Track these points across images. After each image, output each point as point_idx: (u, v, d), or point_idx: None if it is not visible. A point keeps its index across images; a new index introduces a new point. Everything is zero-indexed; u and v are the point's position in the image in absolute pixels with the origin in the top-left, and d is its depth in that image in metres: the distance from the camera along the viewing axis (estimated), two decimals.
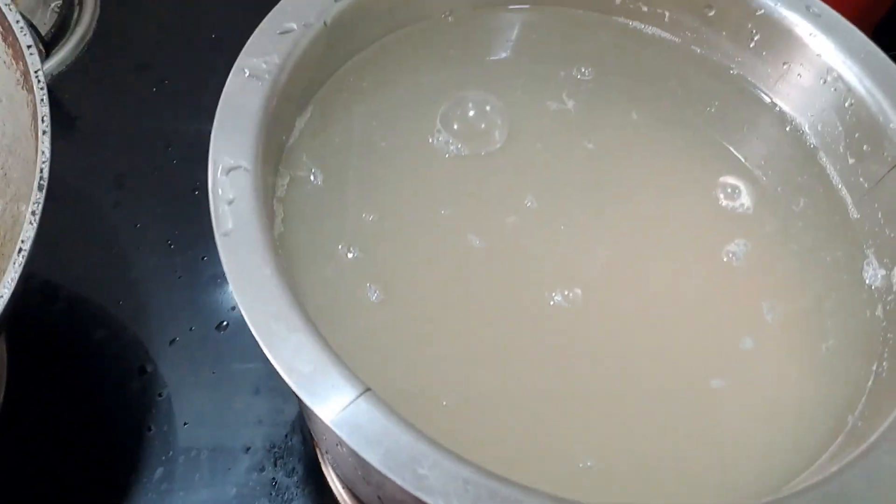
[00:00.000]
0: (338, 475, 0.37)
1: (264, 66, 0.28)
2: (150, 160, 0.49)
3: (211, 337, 0.43)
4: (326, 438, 0.30)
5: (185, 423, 0.40)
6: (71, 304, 0.44)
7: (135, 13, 0.56)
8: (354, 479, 0.31)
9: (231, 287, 0.23)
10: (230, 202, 0.25)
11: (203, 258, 0.45)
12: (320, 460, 0.39)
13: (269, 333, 0.23)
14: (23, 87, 0.33)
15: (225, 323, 0.43)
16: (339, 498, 0.38)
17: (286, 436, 0.40)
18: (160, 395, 0.41)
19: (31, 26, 0.50)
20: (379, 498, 0.28)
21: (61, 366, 0.42)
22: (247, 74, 0.28)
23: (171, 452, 0.39)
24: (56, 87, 0.52)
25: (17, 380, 0.40)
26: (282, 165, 0.30)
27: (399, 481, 0.21)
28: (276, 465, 0.40)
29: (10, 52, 0.33)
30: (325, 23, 0.30)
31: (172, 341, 0.42)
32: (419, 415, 0.25)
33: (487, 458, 0.23)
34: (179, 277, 0.45)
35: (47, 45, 0.52)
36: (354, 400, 0.22)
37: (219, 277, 0.44)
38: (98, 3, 0.55)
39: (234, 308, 0.43)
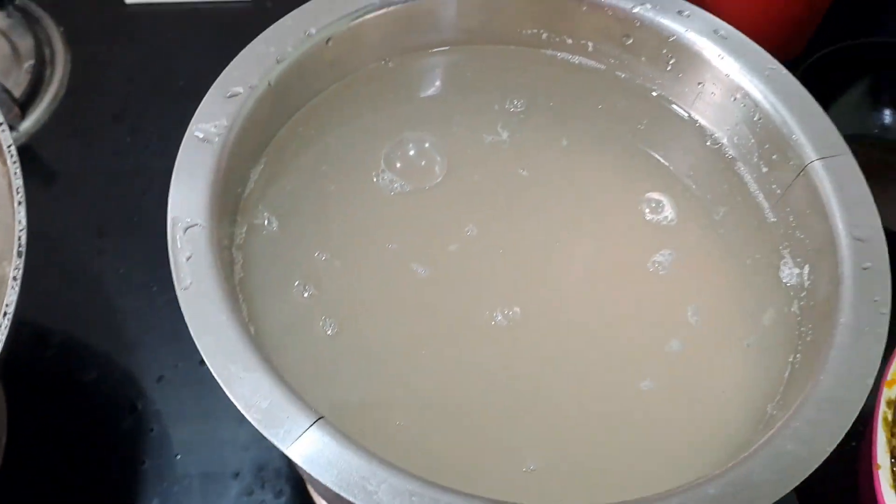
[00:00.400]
0: (318, 493, 0.40)
1: (214, 129, 0.31)
2: (128, 208, 0.52)
3: (196, 372, 0.45)
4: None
5: (176, 455, 0.43)
6: (62, 348, 0.47)
7: (104, 68, 0.58)
8: (329, 497, 0.34)
9: (193, 335, 0.26)
10: (188, 258, 0.28)
11: None
12: (305, 480, 0.42)
13: (228, 375, 0.25)
14: None
15: None
16: None
17: (273, 460, 0.43)
18: (152, 429, 0.43)
19: (6, 91, 0.53)
20: None
21: (57, 408, 0.44)
22: (199, 137, 0.30)
23: (165, 483, 0.42)
24: (35, 144, 0.55)
25: (15, 424, 0.43)
26: (239, 215, 0.33)
27: (352, 499, 0.24)
28: (263, 487, 0.42)
29: None
30: (269, 83, 0.32)
31: (160, 378, 0.45)
32: (376, 435, 0.27)
33: (441, 469, 0.26)
34: (163, 317, 0.47)
35: (23, 106, 0.55)
36: (308, 428, 0.25)
37: None
38: (69, 60, 0.58)
39: None
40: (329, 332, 0.31)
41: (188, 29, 0.61)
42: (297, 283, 0.32)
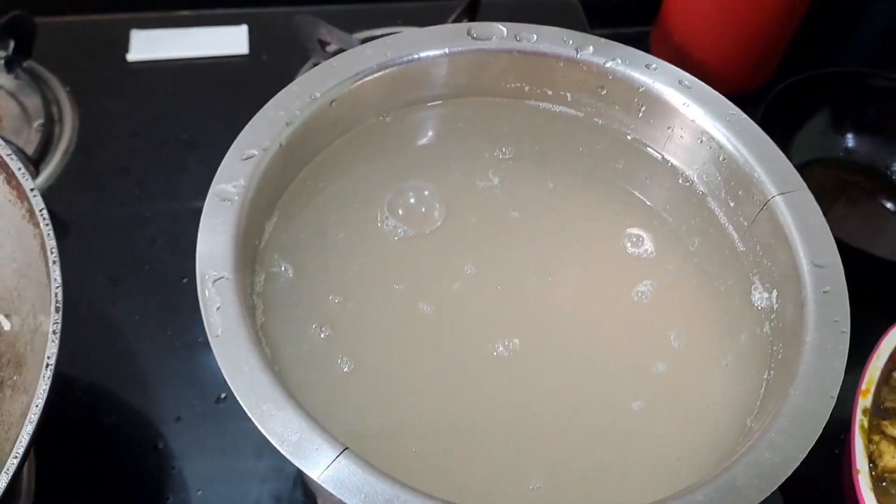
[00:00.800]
0: None
1: (233, 189, 0.34)
2: (139, 256, 0.55)
3: (212, 410, 0.48)
4: (319, 490, 0.35)
5: (198, 491, 0.45)
6: (85, 395, 0.49)
7: (110, 123, 0.62)
8: None
9: (226, 379, 0.29)
10: (218, 308, 0.31)
11: (199, 340, 0.50)
12: None
13: (261, 413, 0.28)
14: (29, 222, 0.39)
15: (223, 395, 0.48)
16: None
17: (289, 490, 0.46)
18: (173, 467, 0.46)
19: (20, 150, 0.56)
20: None
21: (82, 451, 0.47)
22: (220, 198, 0.34)
23: None
24: (47, 199, 0.57)
25: (43, 469, 0.45)
26: (257, 265, 0.36)
27: None
28: None
29: (15, 192, 0.39)
30: (280, 144, 0.36)
31: (178, 418, 0.48)
32: (394, 462, 0.30)
33: (454, 489, 0.29)
34: (179, 360, 0.50)
35: (36, 163, 0.58)
36: (335, 459, 0.28)
37: (214, 357, 0.50)
38: (76, 117, 0.61)
39: None
40: (346, 369, 0.34)
41: (188, 83, 0.64)
42: (314, 325, 0.35)
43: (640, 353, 0.36)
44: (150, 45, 0.65)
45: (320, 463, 0.28)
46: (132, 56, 0.65)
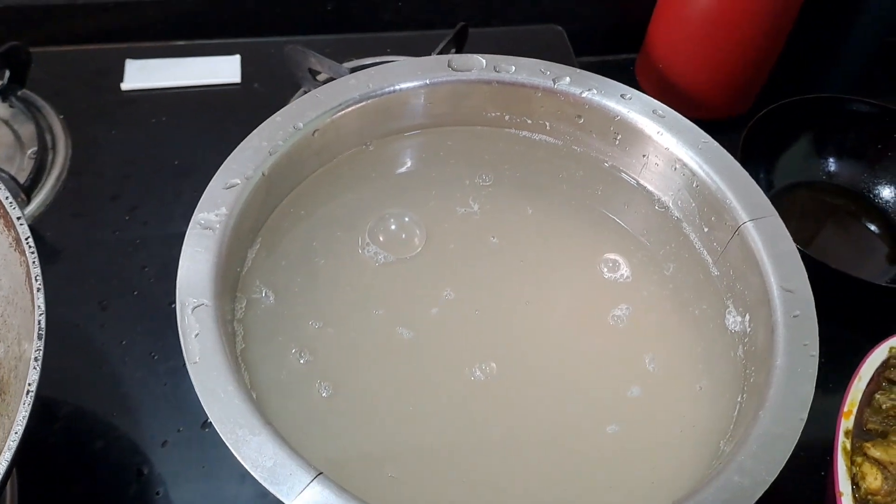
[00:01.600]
0: None
1: (215, 217, 0.34)
2: (128, 282, 0.55)
3: (197, 435, 0.48)
4: None
5: None
6: (70, 420, 0.49)
7: (103, 151, 0.62)
8: None
9: (203, 404, 0.30)
10: (196, 335, 0.31)
11: (184, 365, 0.51)
12: None
13: (236, 438, 0.29)
14: (15, 250, 0.39)
15: (208, 421, 0.48)
16: None
17: None
18: (158, 493, 0.46)
19: (12, 178, 0.57)
20: None
21: (66, 476, 0.47)
22: (202, 226, 0.34)
23: None
24: (39, 225, 0.58)
25: (26, 493, 0.45)
26: (239, 291, 0.36)
27: None
28: None
29: (2, 221, 0.40)
30: (263, 173, 0.36)
31: (164, 443, 0.48)
32: (370, 487, 0.31)
33: None
34: (165, 385, 0.50)
35: (27, 190, 0.58)
36: (309, 484, 0.28)
37: None
38: (69, 145, 0.62)
39: None
40: (324, 395, 0.34)
41: (181, 111, 0.65)
42: (293, 350, 0.35)
43: (615, 377, 0.36)
44: (144, 74, 0.66)
45: (294, 488, 0.28)
46: (126, 85, 0.66)
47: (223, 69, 0.68)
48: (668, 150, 0.39)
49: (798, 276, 0.35)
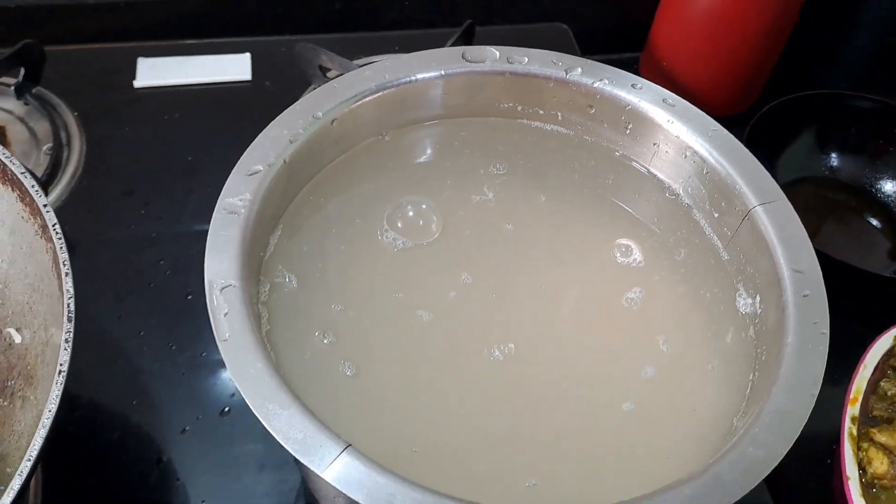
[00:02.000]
0: None
1: (239, 202, 0.35)
2: (144, 275, 0.56)
3: (216, 423, 0.49)
4: (324, 493, 0.36)
5: (203, 502, 0.46)
6: (89, 411, 0.50)
7: (117, 147, 0.64)
8: None
9: (233, 380, 0.30)
10: (225, 314, 0.32)
11: (202, 354, 0.52)
12: None
13: (267, 412, 0.30)
14: (42, 237, 0.40)
15: (227, 409, 0.49)
16: None
17: (293, 503, 0.47)
18: (178, 479, 0.47)
19: (32, 174, 0.57)
20: None
21: (86, 467, 0.47)
22: (227, 210, 0.35)
23: None
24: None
25: (49, 485, 0.46)
26: (262, 276, 0.37)
27: None
28: None
29: (28, 209, 0.41)
30: (284, 161, 0.37)
31: (183, 430, 0.49)
32: (395, 460, 0.31)
33: (453, 487, 0.30)
34: (182, 374, 0.51)
35: (44, 185, 0.59)
36: (339, 455, 0.29)
37: (217, 369, 0.51)
38: (84, 141, 0.63)
39: (233, 395, 0.50)
40: (348, 374, 0.35)
41: (193, 107, 0.67)
42: (317, 332, 0.36)
43: (629, 358, 0.37)
44: (155, 72, 0.68)
45: (325, 459, 0.29)
46: (138, 83, 0.67)
47: (234, 67, 0.69)
48: (678, 138, 0.40)
49: (807, 257, 0.36)
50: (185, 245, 0.58)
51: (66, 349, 0.35)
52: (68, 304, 0.36)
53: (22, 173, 0.41)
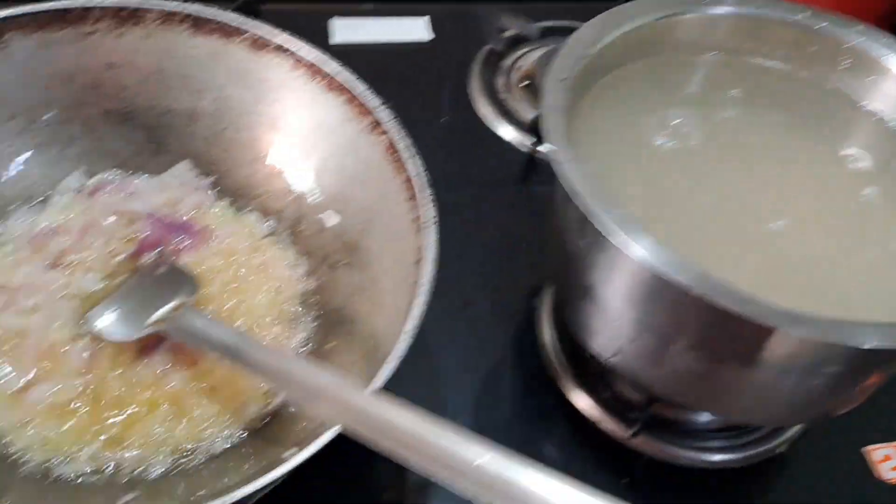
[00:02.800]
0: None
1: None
2: None
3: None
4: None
5: None
6: None
7: None
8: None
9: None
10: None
11: None
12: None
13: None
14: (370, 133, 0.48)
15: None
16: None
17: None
18: None
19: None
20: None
21: None
22: (560, 79, 0.44)
23: None
24: None
25: None
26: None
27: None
28: None
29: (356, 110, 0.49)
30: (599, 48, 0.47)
31: None
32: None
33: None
34: None
35: None
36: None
37: None
38: None
39: None
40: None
41: (382, 64, 0.74)
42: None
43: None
44: (349, 31, 0.76)
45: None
46: (334, 40, 0.75)
47: (415, 28, 0.78)
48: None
49: None
50: None
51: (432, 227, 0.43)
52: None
53: (353, 80, 0.48)
